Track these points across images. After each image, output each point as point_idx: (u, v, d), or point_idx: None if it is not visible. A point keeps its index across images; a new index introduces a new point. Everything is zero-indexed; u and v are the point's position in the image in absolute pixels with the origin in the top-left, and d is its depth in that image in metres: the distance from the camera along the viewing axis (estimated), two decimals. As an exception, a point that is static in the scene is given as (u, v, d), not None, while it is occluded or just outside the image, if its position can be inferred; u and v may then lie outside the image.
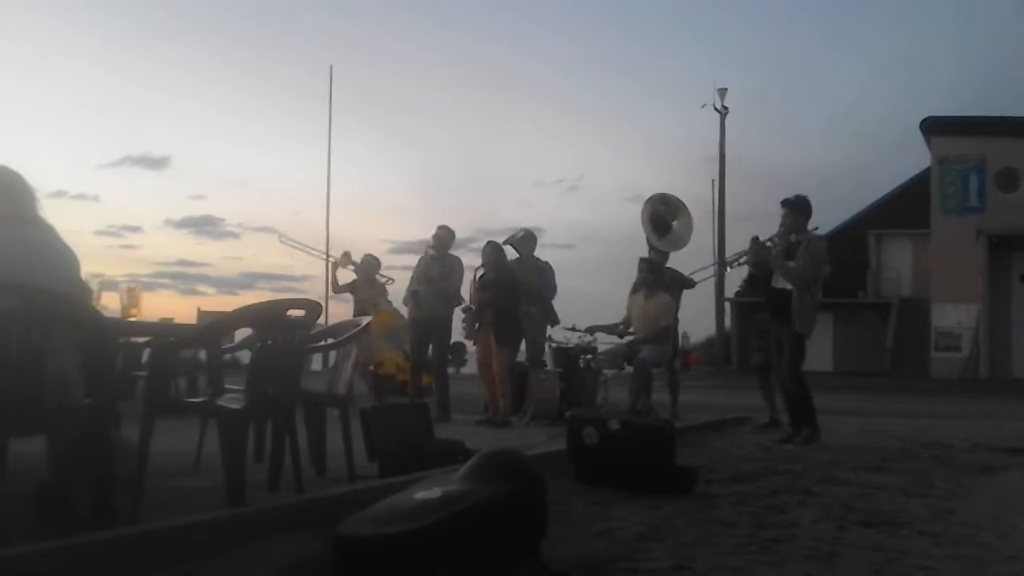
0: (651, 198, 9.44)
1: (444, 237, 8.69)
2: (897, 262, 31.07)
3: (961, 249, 25.97)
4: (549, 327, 8.85)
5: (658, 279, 8.58)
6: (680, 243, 9.34)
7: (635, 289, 8.75)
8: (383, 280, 9.70)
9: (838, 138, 66.56)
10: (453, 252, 8.81)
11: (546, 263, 8.93)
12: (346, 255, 9.74)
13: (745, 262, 7.09)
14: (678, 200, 9.55)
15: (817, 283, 6.60)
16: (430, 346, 8.62)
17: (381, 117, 71.01)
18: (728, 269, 7.55)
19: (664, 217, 9.35)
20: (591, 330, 8.73)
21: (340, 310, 10.43)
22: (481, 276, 8.16)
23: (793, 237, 6.61)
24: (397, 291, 9.60)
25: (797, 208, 6.61)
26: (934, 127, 27.96)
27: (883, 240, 31.35)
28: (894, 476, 4.95)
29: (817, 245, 6.61)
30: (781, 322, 6.59)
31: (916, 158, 31.60)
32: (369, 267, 9.50)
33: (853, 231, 30.00)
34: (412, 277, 8.78)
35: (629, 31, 78.02)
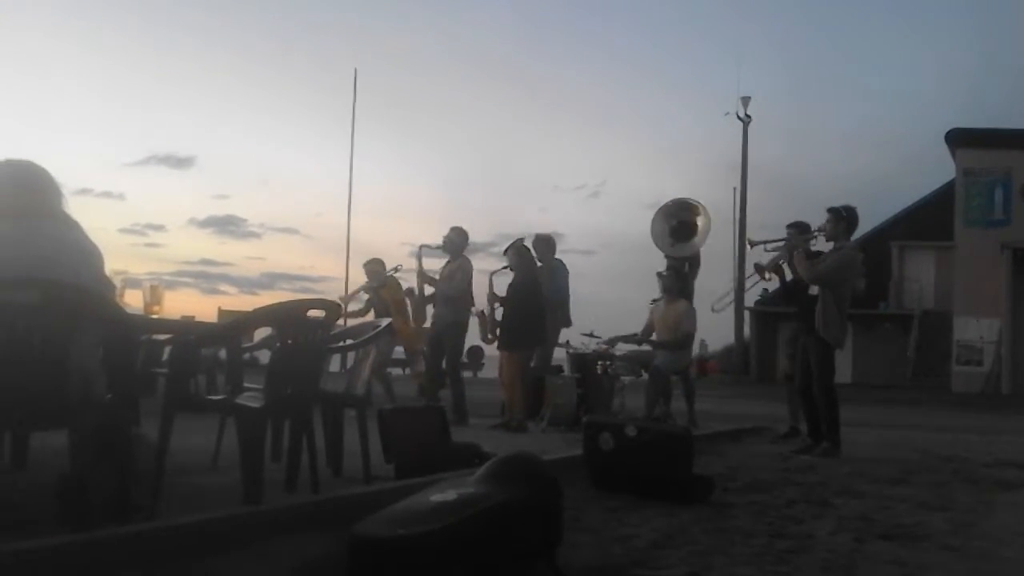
0: (663, 209, 9.40)
1: (453, 239, 8.55)
2: (920, 274, 30.78)
3: (985, 262, 25.70)
4: (564, 331, 8.80)
5: (682, 286, 8.57)
6: (696, 247, 9.31)
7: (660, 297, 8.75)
8: (391, 273, 9.61)
9: (862, 148, 66.32)
10: (469, 255, 8.71)
11: (559, 261, 8.83)
12: (343, 299, 9.71)
13: (773, 249, 6.99)
14: (693, 201, 9.50)
15: (845, 295, 6.56)
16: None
17: (404, 120, 71.56)
18: (749, 247, 7.40)
19: (685, 223, 9.33)
20: (612, 341, 8.70)
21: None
22: (510, 281, 8.14)
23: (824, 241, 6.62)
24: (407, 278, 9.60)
25: (840, 216, 6.57)
26: (959, 139, 27.70)
27: (906, 251, 31.08)
28: (914, 489, 4.90)
29: (849, 253, 6.57)
30: (808, 329, 6.56)
31: (941, 169, 31.34)
32: (376, 274, 9.44)
33: (876, 242, 29.70)
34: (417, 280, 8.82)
35: (653, 39, 78.11)
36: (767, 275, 7.03)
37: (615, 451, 4.43)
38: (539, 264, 8.55)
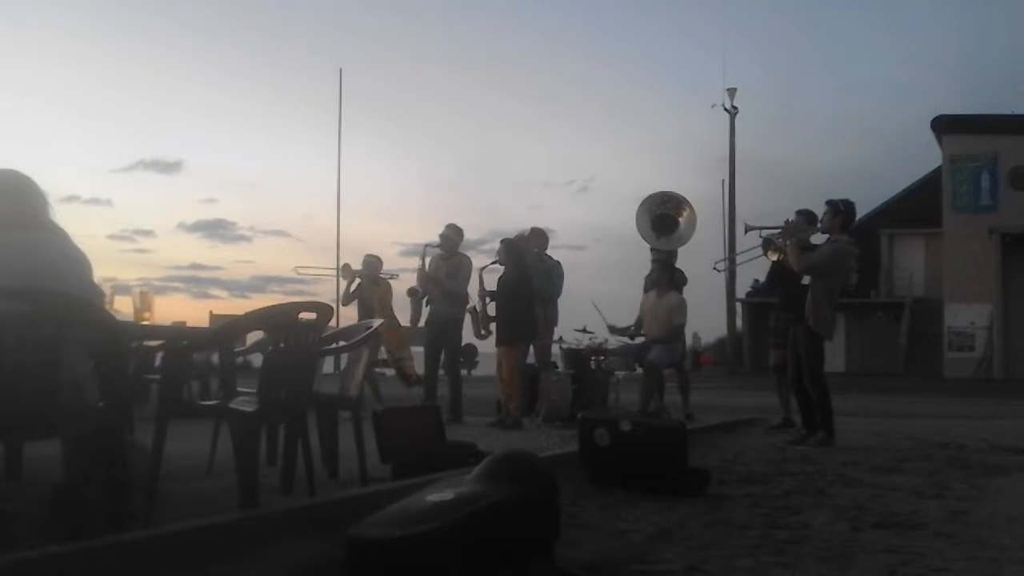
0: (645, 202, 9.44)
1: (451, 236, 8.67)
2: (910, 261, 30.92)
3: (974, 248, 25.84)
4: (556, 328, 8.86)
5: (670, 278, 8.59)
6: (684, 239, 9.35)
7: (647, 289, 8.78)
8: (387, 277, 9.66)
9: (848, 136, 66.42)
10: (464, 251, 8.81)
11: (556, 262, 8.92)
12: (347, 268, 9.77)
13: (768, 235, 6.98)
14: (679, 196, 9.54)
15: (835, 287, 6.58)
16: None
17: (391, 119, 71.43)
18: (744, 232, 7.35)
19: (668, 215, 9.37)
20: (612, 329, 8.72)
21: (351, 312, 10.41)
22: (500, 276, 8.17)
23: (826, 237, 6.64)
24: (400, 291, 9.58)
25: (837, 209, 6.59)
26: (945, 125, 27.83)
27: (895, 239, 31.21)
28: (908, 477, 4.92)
29: (843, 247, 6.59)
30: (796, 319, 6.59)
31: (928, 156, 31.49)
32: (371, 267, 9.48)
33: (865, 230, 29.75)
34: (417, 277, 8.81)
35: (638, 32, 78.16)
36: (769, 253, 7.04)
37: (611, 446, 4.43)
38: (535, 251, 8.63)
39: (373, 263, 9.48)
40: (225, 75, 73.12)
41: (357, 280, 9.58)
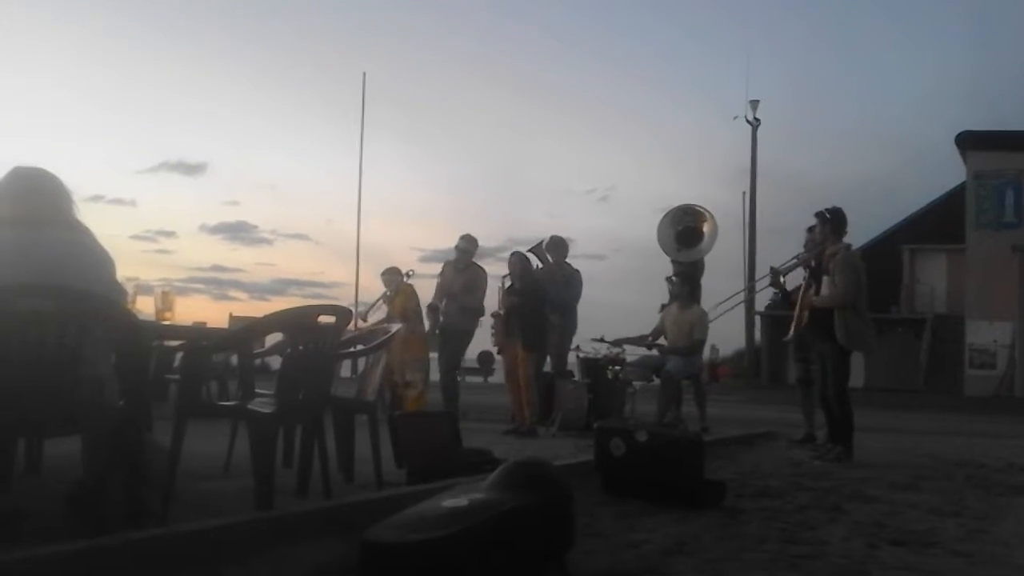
0: (668, 214, 9.45)
1: (467, 249, 8.72)
2: (931, 277, 30.61)
3: (996, 265, 25.59)
4: (574, 336, 8.86)
5: (692, 291, 8.58)
6: (704, 252, 9.34)
7: (669, 302, 8.77)
8: (406, 278, 9.59)
9: (872, 151, 65.92)
10: (479, 261, 8.84)
11: (575, 271, 8.93)
12: (364, 312, 9.70)
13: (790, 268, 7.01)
14: (702, 209, 9.55)
15: (859, 297, 6.53)
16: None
17: (413, 125, 71.63)
18: (779, 278, 7.27)
19: (691, 228, 9.37)
20: (618, 342, 8.72)
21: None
22: (508, 287, 8.19)
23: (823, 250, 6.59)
24: (420, 288, 9.55)
25: (825, 219, 6.57)
26: (970, 141, 27.60)
27: (917, 255, 30.91)
28: (926, 494, 4.88)
29: (845, 256, 6.54)
30: (824, 337, 6.51)
31: (951, 172, 31.21)
32: (391, 282, 9.45)
33: (886, 245, 29.62)
34: (435, 290, 8.82)
35: (661, 43, 78.12)
36: (783, 279, 7.03)
37: (626, 456, 4.42)
38: (551, 261, 8.65)
39: (393, 278, 9.43)
40: (250, 78, 73.72)
41: (382, 310, 9.55)
